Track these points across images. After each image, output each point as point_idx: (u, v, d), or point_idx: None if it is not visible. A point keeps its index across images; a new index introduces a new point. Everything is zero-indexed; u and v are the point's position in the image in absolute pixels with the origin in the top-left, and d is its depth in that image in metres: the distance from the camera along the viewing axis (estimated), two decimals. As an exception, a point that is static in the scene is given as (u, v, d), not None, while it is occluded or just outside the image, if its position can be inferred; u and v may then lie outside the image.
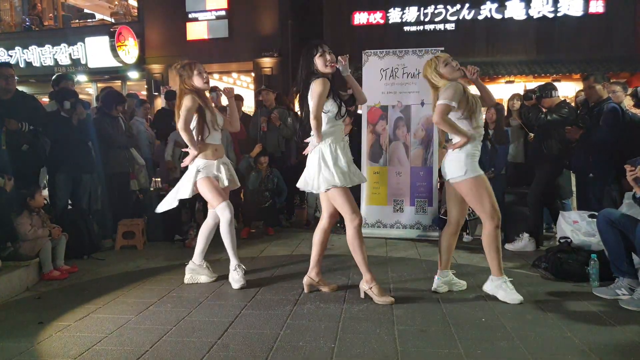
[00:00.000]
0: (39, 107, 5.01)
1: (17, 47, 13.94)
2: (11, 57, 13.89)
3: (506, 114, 6.33)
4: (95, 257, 4.71)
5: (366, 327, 2.84)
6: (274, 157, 6.08)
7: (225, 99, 4.02)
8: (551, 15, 12.07)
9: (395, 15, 12.68)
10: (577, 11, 11.99)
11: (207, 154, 3.70)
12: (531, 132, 5.15)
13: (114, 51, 12.90)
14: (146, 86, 13.55)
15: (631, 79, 11.12)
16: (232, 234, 3.67)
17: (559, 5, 12.02)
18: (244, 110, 7.18)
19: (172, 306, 3.27)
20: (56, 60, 13.77)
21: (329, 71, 3.23)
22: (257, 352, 2.53)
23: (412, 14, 12.56)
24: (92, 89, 14.35)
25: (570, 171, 5.26)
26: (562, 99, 4.84)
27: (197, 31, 13.01)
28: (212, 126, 3.69)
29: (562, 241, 4.08)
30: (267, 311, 3.14)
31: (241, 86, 14.30)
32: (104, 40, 13.03)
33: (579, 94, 5.98)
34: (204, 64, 3.76)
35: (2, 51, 14.05)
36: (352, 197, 3.30)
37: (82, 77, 13.68)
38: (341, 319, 2.98)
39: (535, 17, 12.13)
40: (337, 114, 3.25)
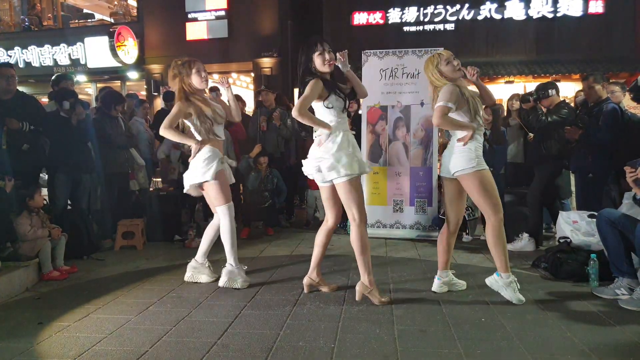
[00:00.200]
0: (40, 108, 5.02)
1: (16, 47, 13.91)
2: (10, 57, 13.85)
3: (505, 114, 6.34)
4: (94, 257, 4.71)
5: (366, 327, 2.84)
6: (274, 158, 6.08)
7: (225, 97, 4.01)
8: (551, 15, 12.07)
9: (394, 15, 12.67)
10: (576, 11, 12.00)
11: (217, 146, 3.70)
12: (531, 132, 5.15)
13: (114, 51, 12.88)
14: (145, 86, 13.53)
15: (630, 79, 11.08)
16: (233, 236, 3.68)
17: (558, 5, 12.02)
18: (245, 111, 7.16)
19: (171, 306, 3.27)
20: (55, 60, 13.74)
21: (327, 70, 3.23)
22: (257, 352, 2.54)
23: (411, 14, 12.56)
24: (91, 89, 14.33)
25: (569, 171, 5.27)
26: (561, 99, 4.85)
27: (196, 31, 12.98)
28: (215, 120, 3.69)
29: (562, 241, 4.09)
30: (267, 311, 3.15)
31: (241, 86, 14.28)
32: (104, 40, 13.01)
33: (579, 94, 5.99)
34: (204, 64, 3.75)
35: (1, 51, 14.02)
36: (362, 195, 3.31)
37: (81, 77, 13.65)
38: (341, 319, 2.98)
39: (534, 17, 12.13)
40: (343, 108, 3.27)
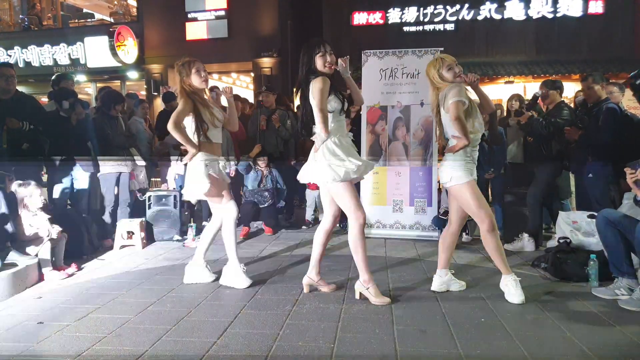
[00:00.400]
0: (38, 107, 5.01)
1: (16, 47, 13.90)
2: (10, 56, 13.85)
3: (505, 114, 6.34)
4: (94, 257, 4.71)
5: (365, 327, 2.84)
6: (273, 158, 6.08)
7: (224, 99, 4.02)
8: (550, 15, 12.08)
9: (394, 15, 12.68)
10: (576, 12, 12.01)
11: (210, 151, 3.69)
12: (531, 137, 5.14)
13: (113, 51, 12.88)
14: (145, 86, 13.53)
15: (630, 80, 11.11)
16: (235, 235, 3.68)
17: (558, 5, 12.03)
18: (246, 111, 7.15)
19: (171, 306, 3.27)
20: (55, 60, 13.74)
21: (327, 72, 3.25)
22: (257, 352, 2.53)
23: (411, 14, 12.57)
24: (91, 89, 14.32)
25: (569, 171, 5.27)
26: (560, 100, 4.84)
27: (196, 31, 12.98)
28: (213, 124, 3.69)
29: (562, 241, 4.08)
30: (266, 311, 3.14)
31: (240, 86, 14.28)
32: (103, 40, 13.01)
33: (578, 94, 5.99)
34: (204, 64, 3.75)
35: (1, 51, 14.01)
36: (357, 194, 3.31)
37: (81, 77, 13.65)
38: (340, 319, 2.98)
39: (534, 17, 12.14)
40: (341, 110, 3.28)
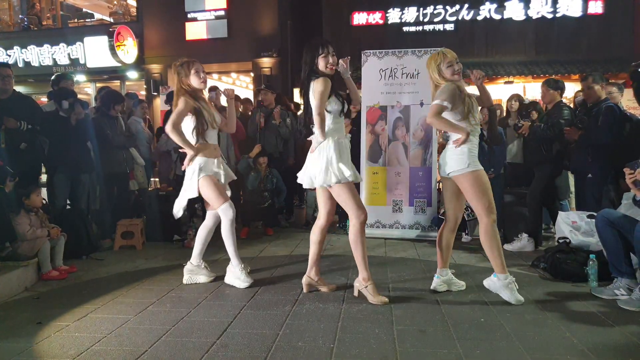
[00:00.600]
0: (36, 107, 5.01)
1: (15, 47, 13.89)
2: (10, 56, 13.84)
3: (505, 114, 6.34)
4: (94, 257, 4.71)
5: (365, 327, 2.84)
6: (273, 158, 6.08)
7: (224, 99, 4.02)
8: (550, 15, 12.07)
9: (394, 15, 12.66)
10: (576, 12, 11.99)
11: (206, 153, 3.68)
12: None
13: (113, 51, 12.86)
14: (145, 86, 13.52)
15: (629, 80, 11.12)
16: (233, 235, 3.68)
17: (557, 5, 12.01)
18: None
19: (171, 306, 3.27)
20: (55, 60, 13.72)
21: (329, 73, 3.27)
22: (256, 352, 2.53)
23: (411, 14, 12.55)
24: (90, 89, 14.31)
25: (568, 172, 5.26)
26: (559, 100, 4.84)
27: (196, 31, 12.97)
28: (211, 125, 3.69)
29: (561, 241, 4.09)
30: (266, 311, 3.14)
31: (240, 86, 14.28)
32: (103, 40, 12.99)
33: (577, 94, 5.99)
34: (203, 64, 3.74)
35: (0, 51, 14.01)
36: (357, 193, 3.31)
37: (81, 77, 13.64)
38: (340, 319, 2.98)
39: (534, 17, 12.12)
40: (341, 112, 3.29)
